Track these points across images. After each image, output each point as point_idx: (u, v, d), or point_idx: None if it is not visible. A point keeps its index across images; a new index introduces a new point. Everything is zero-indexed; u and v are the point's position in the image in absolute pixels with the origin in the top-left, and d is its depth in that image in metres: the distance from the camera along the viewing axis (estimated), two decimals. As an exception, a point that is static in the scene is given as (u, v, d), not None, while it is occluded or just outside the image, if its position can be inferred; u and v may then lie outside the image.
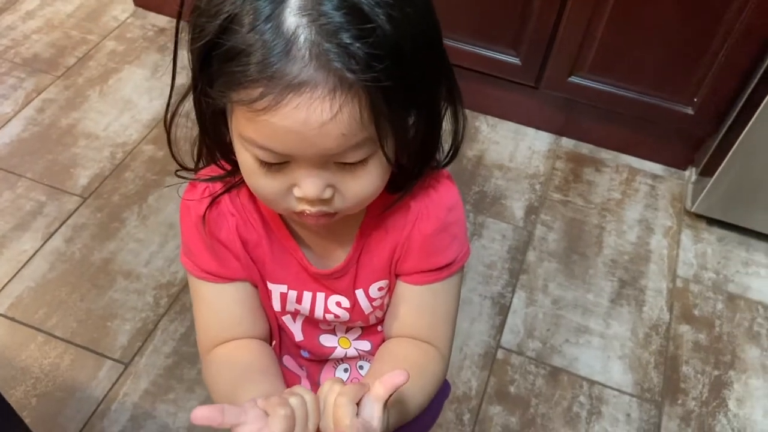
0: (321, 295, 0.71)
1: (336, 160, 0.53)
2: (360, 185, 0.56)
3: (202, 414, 0.50)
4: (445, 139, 0.64)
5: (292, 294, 0.71)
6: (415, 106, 0.55)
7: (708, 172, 1.52)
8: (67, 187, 1.52)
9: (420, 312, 0.69)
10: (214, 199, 0.64)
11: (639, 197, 1.65)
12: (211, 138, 0.60)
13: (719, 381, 1.33)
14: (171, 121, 0.60)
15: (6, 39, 1.85)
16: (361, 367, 0.81)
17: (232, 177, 0.64)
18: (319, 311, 0.72)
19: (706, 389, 1.32)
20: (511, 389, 1.28)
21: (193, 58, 0.52)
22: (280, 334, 0.76)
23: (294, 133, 0.49)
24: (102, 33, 1.90)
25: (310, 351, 0.79)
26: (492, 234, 1.53)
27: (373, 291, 0.71)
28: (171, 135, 0.62)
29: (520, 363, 1.32)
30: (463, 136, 0.63)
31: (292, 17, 0.47)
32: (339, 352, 0.78)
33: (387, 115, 0.51)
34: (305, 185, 0.54)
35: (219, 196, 0.65)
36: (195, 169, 0.66)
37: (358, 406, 0.54)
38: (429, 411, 0.79)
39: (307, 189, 0.54)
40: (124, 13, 1.97)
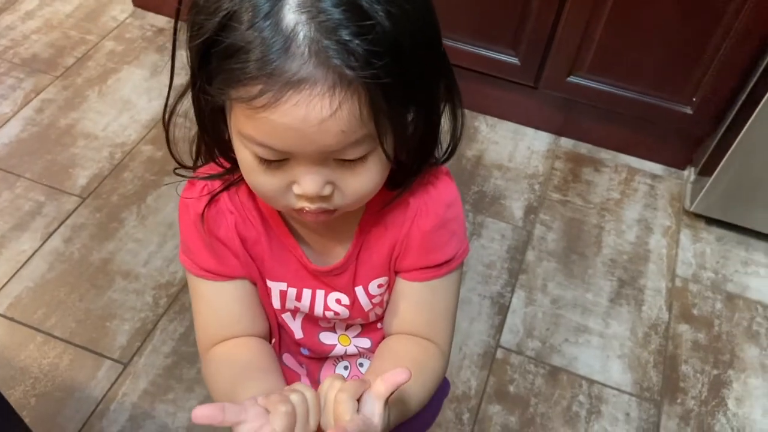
0: (320, 293, 0.71)
1: (335, 157, 0.53)
2: (359, 182, 0.56)
3: (202, 413, 0.50)
4: (444, 138, 0.64)
5: (292, 291, 0.70)
6: (414, 103, 0.55)
7: (707, 171, 1.52)
8: (65, 188, 1.52)
9: (419, 309, 0.69)
10: (212, 197, 0.64)
11: (638, 197, 1.65)
12: (210, 136, 0.60)
13: (718, 380, 1.33)
14: (169, 120, 0.60)
15: (5, 39, 1.85)
16: (361, 365, 0.81)
17: (231, 175, 0.64)
18: (318, 308, 0.72)
19: (705, 388, 1.32)
20: (511, 389, 1.28)
21: (191, 56, 0.52)
22: (279, 331, 0.76)
23: (293, 130, 0.49)
24: (101, 33, 1.90)
25: (310, 349, 0.79)
26: (491, 234, 1.53)
27: (373, 288, 0.71)
28: (170, 134, 0.62)
29: (519, 362, 1.32)
30: (462, 133, 0.64)
31: (291, 14, 0.47)
32: (339, 350, 0.78)
33: (386, 111, 0.51)
34: (305, 182, 0.54)
35: (218, 193, 0.65)
36: (194, 167, 0.66)
37: (358, 402, 0.54)
38: (429, 408, 0.79)
39: (307, 186, 0.54)
40: (123, 13, 1.97)
